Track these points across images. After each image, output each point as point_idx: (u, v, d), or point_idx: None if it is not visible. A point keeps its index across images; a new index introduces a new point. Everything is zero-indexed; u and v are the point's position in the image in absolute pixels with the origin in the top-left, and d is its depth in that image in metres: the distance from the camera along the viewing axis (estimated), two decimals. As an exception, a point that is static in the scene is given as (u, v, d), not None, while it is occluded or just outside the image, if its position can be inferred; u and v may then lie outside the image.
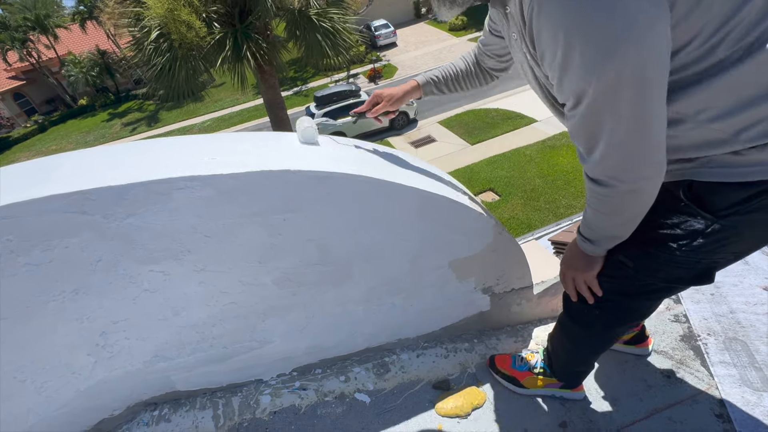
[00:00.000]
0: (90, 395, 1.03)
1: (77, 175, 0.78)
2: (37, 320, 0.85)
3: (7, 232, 0.74)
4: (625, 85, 0.53)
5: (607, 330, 0.95)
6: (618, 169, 0.63)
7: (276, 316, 1.10)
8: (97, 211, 0.77)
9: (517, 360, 1.24)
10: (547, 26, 0.56)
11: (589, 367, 1.11)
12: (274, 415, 1.15)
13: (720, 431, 1.01)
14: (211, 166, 0.81)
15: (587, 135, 0.62)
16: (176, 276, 0.90)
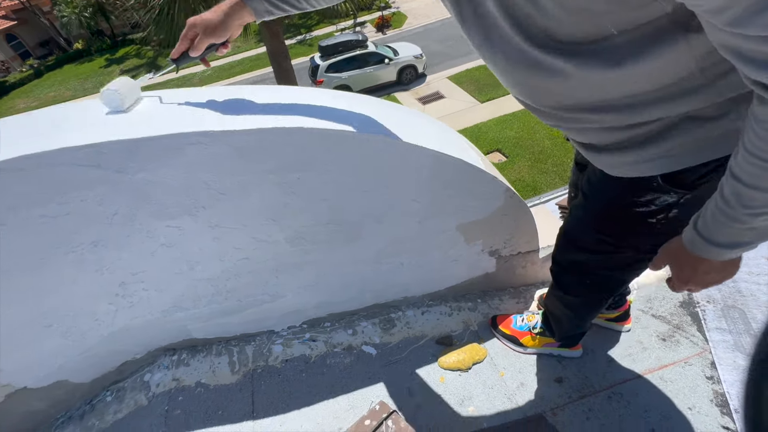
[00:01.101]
0: (113, 340, 1.09)
1: (87, 126, 0.77)
2: (57, 270, 0.87)
3: (21, 184, 0.74)
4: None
5: (598, 298, 0.99)
6: None
7: (288, 272, 1.13)
8: (110, 165, 0.76)
9: (518, 320, 1.29)
10: None
11: (585, 328, 1.16)
12: (286, 363, 1.22)
13: (709, 391, 1.06)
14: (223, 122, 0.79)
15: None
16: (191, 231, 0.92)
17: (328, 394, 1.16)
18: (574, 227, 0.89)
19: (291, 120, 0.84)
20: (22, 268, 0.84)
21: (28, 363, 1.05)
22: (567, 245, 0.94)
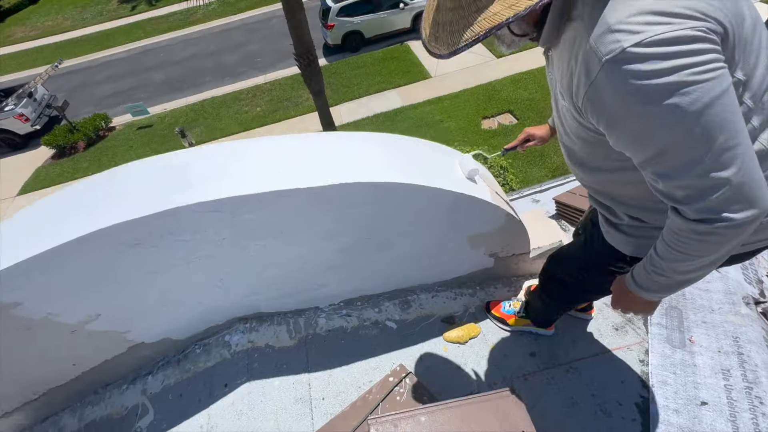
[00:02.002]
0: (206, 313, 1.48)
1: (209, 180, 1.07)
2: (182, 272, 1.23)
3: (168, 223, 1.06)
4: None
5: (569, 304, 1.40)
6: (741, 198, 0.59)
7: (332, 270, 1.48)
8: (226, 210, 1.08)
9: (506, 305, 1.67)
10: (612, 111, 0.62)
11: (559, 315, 1.53)
12: (329, 333, 1.63)
13: (639, 371, 1.46)
14: (304, 179, 1.09)
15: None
16: (271, 247, 1.26)
17: (361, 356, 1.57)
18: (568, 257, 1.23)
19: (342, 176, 1.13)
20: (162, 271, 1.19)
21: (148, 327, 1.46)
22: (557, 265, 1.28)
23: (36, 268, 1.04)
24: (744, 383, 1.32)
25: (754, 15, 0.62)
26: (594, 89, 0.61)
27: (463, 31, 0.64)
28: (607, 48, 0.56)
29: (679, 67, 0.53)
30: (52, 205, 1.15)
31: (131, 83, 12.40)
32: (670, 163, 0.61)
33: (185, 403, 1.52)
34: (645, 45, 0.54)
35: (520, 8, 0.58)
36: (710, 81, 0.54)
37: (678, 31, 0.53)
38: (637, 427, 1.31)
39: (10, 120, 10.13)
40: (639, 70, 0.55)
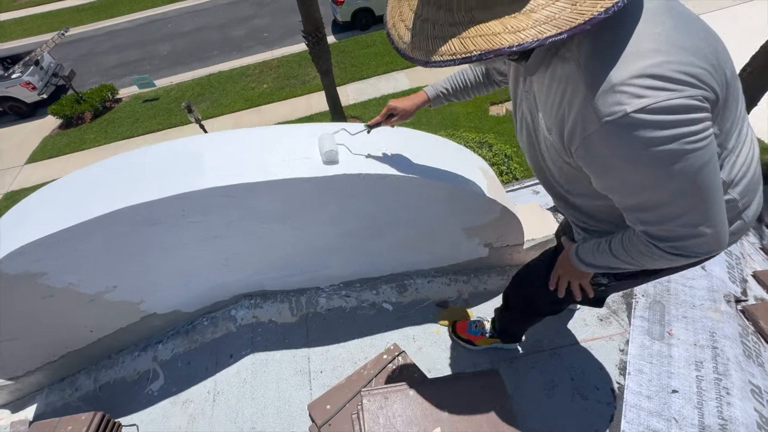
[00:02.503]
0: (213, 288, 1.58)
1: (222, 167, 1.14)
2: (192, 250, 1.32)
3: (182, 205, 1.14)
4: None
5: (531, 320, 1.40)
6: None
7: (334, 253, 1.57)
8: (236, 195, 1.15)
9: (472, 326, 1.62)
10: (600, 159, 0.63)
11: (522, 333, 1.53)
12: (328, 312, 1.73)
13: (618, 359, 1.56)
14: (311, 169, 1.16)
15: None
16: (277, 231, 1.34)
17: (357, 335, 1.68)
18: (536, 272, 1.16)
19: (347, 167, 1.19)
20: (175, 249, 1.28)
21: (160, 299, 1.56)
22: (524, 282, 1.25)
23: (62, 242, 1.13)
24: (714, 375, 1.41)
25: (731, 73, 0.64)
26: (589, 142, 0.61)
27: (450, 40, 0.56)
28: (609, 109, 0.56)
29: (677, 136, 0.56)
30: (77, 182, 1.23)
31: (137, 54, 12.29)
32: (655, 214, 0.66)
33: (193, 370, 1.64)
34: (647, 111, 0.54)
35: (525, 38, 0.52)
36: (703, 149, 0.58)
37: (678, 100, 0.54)
38: (610, 410, 1.41)
39: (17, 88, 10.13)
40: (639, 136, 0.56)
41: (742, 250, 2.07)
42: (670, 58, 0.55)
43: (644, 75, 0.55)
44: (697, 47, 0.58)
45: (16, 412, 1.84)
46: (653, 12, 0.59)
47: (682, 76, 0.55)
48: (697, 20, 0.64)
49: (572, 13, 0.52)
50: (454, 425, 1.07)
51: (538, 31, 0.52)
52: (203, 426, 1.47)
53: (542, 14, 0.52)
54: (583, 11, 0.51)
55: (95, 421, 1.52)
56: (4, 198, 8.53)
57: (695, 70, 0.56)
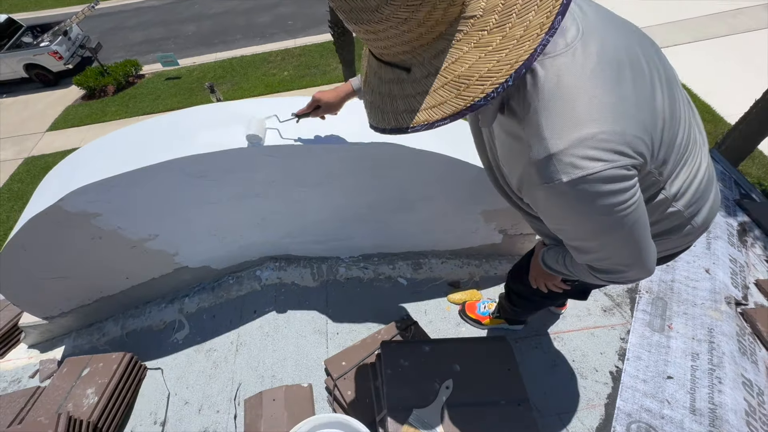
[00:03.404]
0: (244, 247, 1.69)
1: (268, 130, 1.25)
2: (233, 206, 1.43)
3: (229, 161, 1.25)
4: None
5: (531, 308, 1.50)
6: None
7: (360, 224, 1.67)
8: (279, 156, 1.26)
9: (481, 307, 1.73)
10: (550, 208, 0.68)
11: (525, 318, 1.64)
12: (347, 281, 1.83)
13: (618, 347, 1.64)
14: (348, 135, 1.26)
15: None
16: (313, 194, 1.44)
17: (373, 304, 1.78)
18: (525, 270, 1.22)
19: (386, 137, 1.29)
20: (217, 203, 1.39)
21: (194, 253, 1.67)
22: (516, 279, 1.34)
23: (119, 186, 1.24)
24: (709, 365, 1.50)
25: (670, 115, 0.68)
26: (534, 196, 0.68)
27: (376, 109, 0.62)
28: (547, 176, 0.61)
29: (607, 203, 0.62)
30: (132, 134, 1.34)
31: (163, 33, 12.47)
32: (591, 257, 0.76)
33: (218, 322, 1.76)
34: (581, 181, 0.59)
35: (418, 119, 0.56)
36: (632, 210, 0.64)
37: (610, 171, 0.59)
38: (607, 390, 1.50)
39: (45, 56, 10.35)
40: (573, 201, 0.62)
41: (747, 260, 2.14)
42: (605, 128, 0.58)
43: (578, 145, 0.58)
44: (630, 107, 0.61)
45: (45, 353, 1.97)
46: (592, 70, 0.60)
47: (614, 146, 0.59)
48: (636, 68, 0.65)
49: (457, 99, 0.53)
50: (466, 379, 1.17)
51: (429, 114, 0.55)
52: (226, 372, 1.58)
53: (435, 98, 0.55)
54: (466, 97, 0.53)
55: (125, 360, 1.64)
56: (24, 162, 8.74)
57: (628, 138, 0.60)
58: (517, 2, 0.49)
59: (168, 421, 1.52)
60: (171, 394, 1.59)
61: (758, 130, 3.91)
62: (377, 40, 0.53)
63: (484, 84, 0.51)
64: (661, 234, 0.85)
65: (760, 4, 9.14)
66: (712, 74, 7.44)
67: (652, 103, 0.66)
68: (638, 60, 0.67)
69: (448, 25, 0.51)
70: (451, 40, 0.52)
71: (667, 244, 0.89)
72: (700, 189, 0.81)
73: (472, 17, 0.50)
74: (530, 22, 0.49)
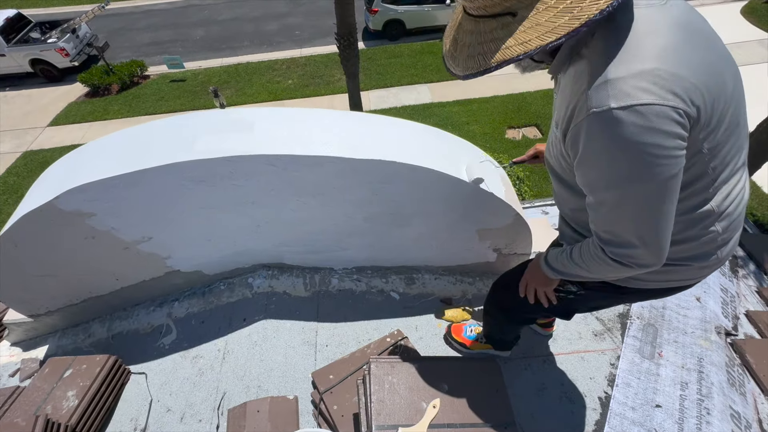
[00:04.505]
0: (237, 254, 1.68)
1: (270, 138, 1.26)
2: (228, 213, 1.42)
3: (230, 167, 1.25)
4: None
5: (511, 327, 1.46)
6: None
7: (356, 236, 1.67)
8: (280, 165, 1.27)
9: (467, 330, 1.68)
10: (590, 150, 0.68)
11: (513, 337, 1.54)
12: (339, 292, 1.82)
13: (607, 372, 1.64)
14: (347, 149, 1.27)
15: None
16: (310, 205, 1.44)
17: (364, 317, 1.77)
18: (513, 281, 1.18)
19: (385, 154, 1.31)
20: (214, 208, 1.39)
21: (187, 257, 1.66)
22: (501, 290, 1.31)
23: (118, 186, 1.24)
24: (697, 396, 1.49)
25: (731, 100, 0.69)
26: (576, 129, 0.68)
27: (477, 57, 0.68)
28: (597, 102, 0.62)
29: (648, 144, 0.61)
30: (132, 136, 1.35)
31: (170, 35, 12.61)
32: (605, 214, 0.74)
33: (206, 328, 1.74)
34: (629, 110, 0.59)
35: (531, 47, 0.61)
36: (667, 166, 0.63)
37: (659, 107, 0.59)
38: (596, 416, 1.49)
39: (52, 53, 10.41)
40: (614, 132, 0.61)
41: (738, 290, 2.16)
42: (666, 67, 0.60)
43: (636, 76, 0.60)
44: (696, 65, 0.63)
45: (27, 351, 1.93)
46: (668, 24, 0.64)
47: (671, 85, 0.60)
48: (713, 43, 0.69)
49: (571, 20, 0.59)
50: (453, 399, 1.16)
51: (542, 39, 0.61)
52: (211, 380, 1.56)
53: (547, 26, 0.61)
54: (580, 16, 0.58)
55: (109, 363, 1.61)
56: (22, 156, 8.71)
57: (686, 84, 0.61)
58: None
59: (148, 428, 1.49)
60: (153, 401, 1.56)
61: (752, 162, 3.99)
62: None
63: (598, 2, 0.57)
64: (686, 259, 0.83)
65: (756, 39, 9.41)
66: (708, 105, 7.58)
67: (722, 76, 0.68)
68: (717, 41, 0.70)
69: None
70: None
71: (685, 274, 0.87)
72: (739, 218, 0.81)
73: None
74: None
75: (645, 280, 0.91)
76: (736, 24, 10.12)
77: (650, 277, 0.89)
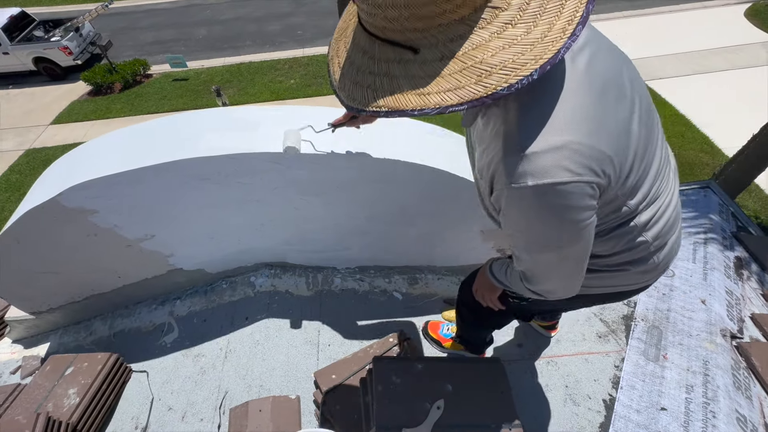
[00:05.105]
0: (240, 252, 1.68)
1: (274, 136, 1.25)
2: (233, 210, 1.42)
3: (234, 165, 1.25)
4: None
5: (477, 330, 1.46)
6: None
7: (359, 235, 1.66)
8: (283, 163, 1.26)
9: (444, 328, 1.67)
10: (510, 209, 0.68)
11: (484, 339, 1.55)
12: (342, 292, 1.81)
13: (612, 374, 1.62)
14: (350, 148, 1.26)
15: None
16: (313, 204, 1.43)
17: (367, 317, 1.76)
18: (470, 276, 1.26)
19: (388, 152, 1.30)
20: (218, 206, 1.38)
21: (189, 255, 1.66)
22: (467, 291, 1.30)
23: (121, 184, 1.24)
24: (703, 399, 1.48)
25: (643, 142, 0.69)
26: (498, 195, 0.68)
27: (366, 89, 0.58)
28: (514, 177, 0.61)
29: (565, 218, 0.63)
30: (140, 132, 1.34)
31: (173, 35, 12.63)
32: (525, 264, 0.78)
33: (208, 327, 1.73)
34: (547, 188, 0.59)
35: (429, 103, 0.53)
36: (582, 231, 0.66)
37: (576, 184, 0.60)
38: (600, 419, 1.48)
39: (55, 51, 10.44)
40: (532, 207, 0.63)
41: (743, 293, 2.14)
42: (580, 139, 0.59)
43: (552, 151, 0.58)
44: (609, 129, 0.63)
45: (28, 348, 1.93)
46: (579, 82, 0.62)
47: (587, 161, 0.59)
48: (620, 84, 0.67)
49: (476, 84, 0.51)
50: (457, 400, 1.15)
51: (442, 98, 0.52)
52: (213, 379, 1.55)
53: (450, 81, 0.52)
54: (487, 84, 0.51)
55: (110, 361, 1.60)
56: (25, 154, 8.73)
57: (599, 156, 0.61)
58: (541, 6, 0.51)
59: (150, 426, 1.48)
60: (155, 399, 1.55)
61: (756, 164, 3.97)
62: (389, 7, 0.50)
63: (508, 74, 0.50)
64: (623, 264, 0.85)
65: (759, 42, 9.39)
66: (711, 107, 7.58)
67: (629, 126, 0.67)
68: (623, 83, 0.68)
69: (472, 10, 0.50)
70: (472, 26, 0.51)
71: (624, 279, 0.89)
72: (668, 223, 0.82)
73: (497, 8, 0.50)
74: (553, 24, 0.50)
75: (587, 286, 0.91)
76: (740, 26, 10.10)
77: (592, 284, 0.90)
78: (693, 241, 2.27)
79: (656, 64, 9.00)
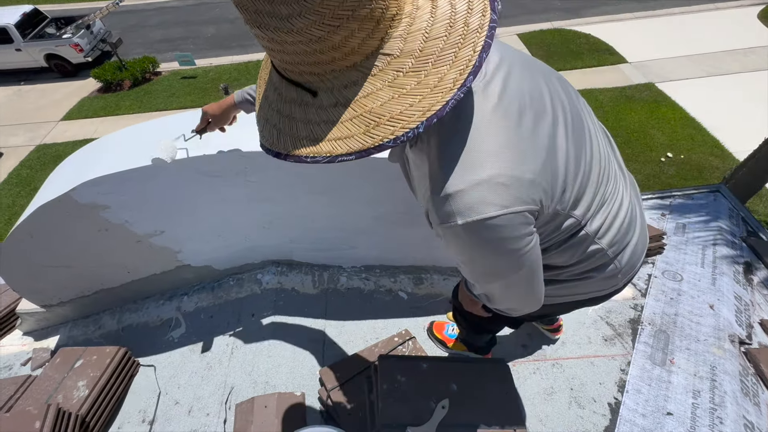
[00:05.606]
0: (248, 249, 1.69)
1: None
2: (242, 208, 1.43)
3: (244, 163, 1.26)
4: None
5: (475, 334, 1.44)
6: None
7: (365, 235, 1.67)
8: (293, 161, 1.27)
9: (449, 329, 1.67)
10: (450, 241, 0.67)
11: (486, 341, 1.52)
12: (348, 290, 1.82)
13: (617, 378, 1.62)
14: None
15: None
16: (321, 202, 1.44)
17: (372, 316, 1.76)
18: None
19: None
20: (226, 202, 1.39)
21: (197, 252, 1.67)
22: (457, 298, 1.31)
23: (133, 179, 1.26)
24: (710, 404, 1.47)
25: (564, 155, 0.67)
26: (436, 230, 0.67)
27: (273, 128, 0.56)
28: (443, 217, 0.60)
29: (501, 249, 0.63)
30: (150, 129, 1.36)
31: (182, 33, 12.74)
32: (479, 288, 0.80)
33: (215, 323, 1.75)
34: (476, 224, 0.59)
35: (321, 150, 0.52)
36: (522, 257, 0.65)
37: (504, 216, 0.59)
38: (605, 422, 1.47)
39: (66, 48, 10.57)
40: (465, 243, 0.63)
41: (753, 298, 2.12)
42: (504, 171, 0.58)
43: (476, 186, 0.58)
44: (532, 154, 0.62)
45: (38, 341, 1.96)
46: (493, 109, 0.61)
47: (513, 192, 0.59)
48: (540, 102, 0.66)
49: (365, 135, 0.50)
50: (462, 400, 1.15)
51: (333, 146, 0.51)
52: (219, 374, 1.57)
53: (341, 130, 0.51)
54: (374, 135, 0.50)
55: (119, 355, 1.63)
56: (36, 150, 8.85)
57: (526, 185, 0.60)
58: (434, 53, 0.49)
59: (156, 420, 1.50)
60: (162, 393, 1.57)
61: (765, 168, 3.91)
62: (282, 52, 0.48)
63: (394, 126, 0.49)
64: (585, 273, 0.84)
65: (772, 44, 9.25)
66: (722, 109, 7.49)
67: (554, 143, 0.66)
68: (541, 100, 0.67)
69: (364, 57, 0.49)
70: (366, 73, 0.49)
71: (591, 286, 0.88)
72: (623, 227, 0.81)
73: (389, 55, 0.49)
74: (444, 74, 0.49)
75: (557, 296, 0.92)
76: (753, 28, 9.96)
77: (561, 293, 0.90)
78: (702, 245, 2.25)
79: (667, 66, 8.91)
